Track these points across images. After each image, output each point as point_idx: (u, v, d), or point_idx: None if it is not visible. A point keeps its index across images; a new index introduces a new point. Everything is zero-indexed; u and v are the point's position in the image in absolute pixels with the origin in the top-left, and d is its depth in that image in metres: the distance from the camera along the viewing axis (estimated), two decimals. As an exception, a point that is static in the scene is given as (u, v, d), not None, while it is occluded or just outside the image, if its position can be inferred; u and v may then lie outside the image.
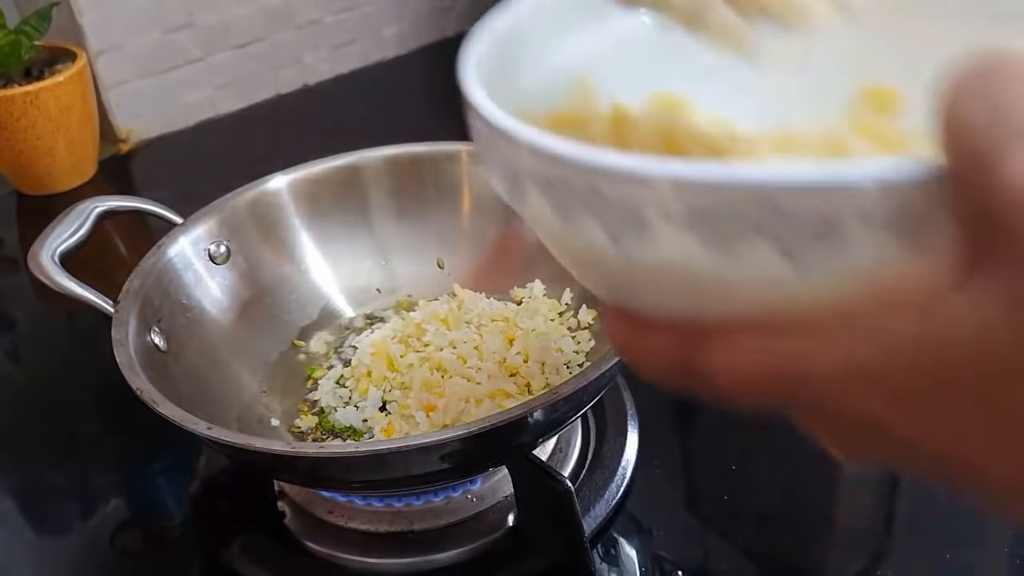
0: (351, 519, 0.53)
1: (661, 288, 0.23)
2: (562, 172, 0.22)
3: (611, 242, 0.21)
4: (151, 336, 0.54)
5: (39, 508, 0.59)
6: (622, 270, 0.22)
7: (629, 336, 0.24)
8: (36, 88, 0.86)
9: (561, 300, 0.62)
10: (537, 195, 0.23)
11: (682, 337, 0.22)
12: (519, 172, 0.24)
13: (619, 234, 0.21)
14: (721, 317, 0.21)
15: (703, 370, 0.22)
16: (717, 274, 0.20)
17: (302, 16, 1.06)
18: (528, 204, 0.24)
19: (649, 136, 0.29)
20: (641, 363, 0.23)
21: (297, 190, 0.65)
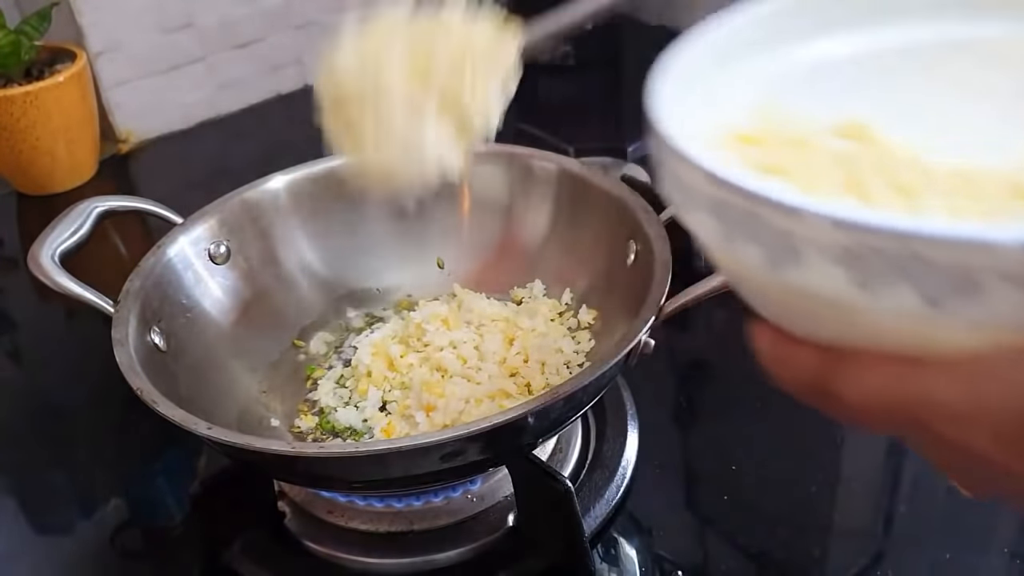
0: (351, 519, 0.53)
1: (808, 311, 0.24)
2: (728, 198, 0.23)
3: (765, 263, 0.23)
4: (151, 336, 0.54)
5: (39, 508, 0.59)
6: (775, 291, 0.24)
7: (775, 350, 0.26)
8: (36, 88, 0.85)
9: (561, 300, 0.62)
10: (705, 213, 0.24)
11: (822, 357, 0.24)
12: (691, 191, 0.25)
13: (775, 259, 0.23)
14: (860, 343, 0.23)
15: (837, 389, 0.24)
16: (860, 307, 0.22)
17: (302, 16, 1.06)
18: (695, 218, 0.25)
19: (829, 162, 0.29)
20: (782, 376, 0.26)
21: (297, 190, 0.65)
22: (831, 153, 0.30)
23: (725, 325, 0.68)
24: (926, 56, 0.33)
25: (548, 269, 0.63)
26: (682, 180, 0.25)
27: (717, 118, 0.31)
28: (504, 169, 0.65)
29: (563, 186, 0.63)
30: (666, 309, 0.49)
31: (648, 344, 0.49)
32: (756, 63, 0.33)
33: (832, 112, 0.31)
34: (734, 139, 0.30)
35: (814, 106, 0.32)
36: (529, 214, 0.65)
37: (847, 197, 0.27)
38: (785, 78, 0.33)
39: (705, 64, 0.32)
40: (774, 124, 0.31)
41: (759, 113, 0.32)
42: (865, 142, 0.30)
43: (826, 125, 0.31)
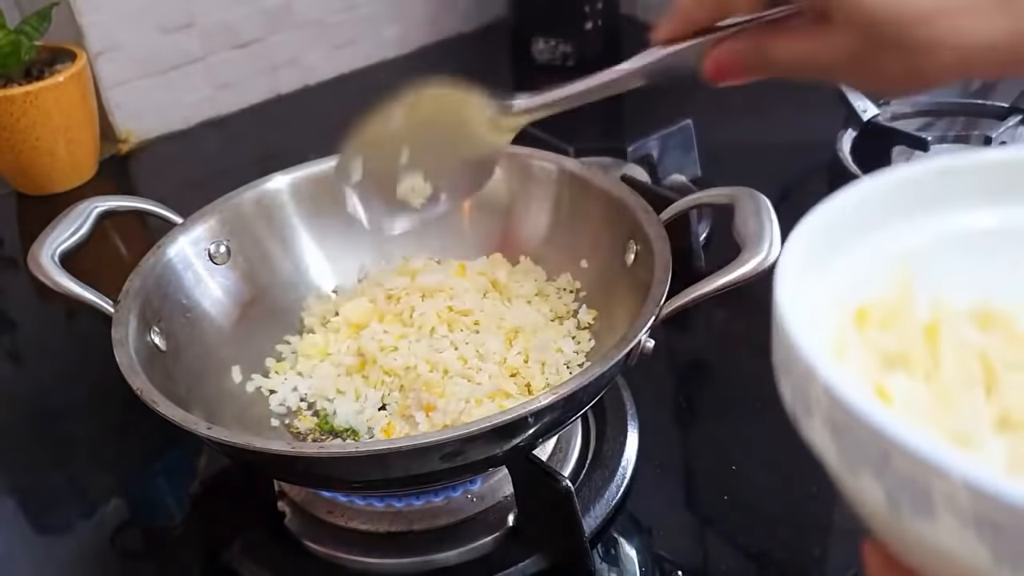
0: (351, 519, 0.53)
1: (926, 555, 0.22)
2: (854, 425, 0.21)
3: (889, 505, 0.21)
4: (151, 336, 0.54)
5: (39, 508, 0.59)
6: (893, 525, 0.22)
7: (883, 572, 0.26)
8: (36, 88, 0.85)
9: (558, 281, 0.62)
10: (824, 431, 0.23)
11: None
12: (812, 402, 0.23)
13: (899, 501, 0.21)
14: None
15: None
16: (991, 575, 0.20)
17: (302, 16, 1.06)
18: (813, 430, 0.24)
19: (963, 354, 0.28)
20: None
21: (297, 190, 0.65)
22: (964, 347, 0.28)
23: (725, 325, 0.68)
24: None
25: (548, 269, 0.63)
26: (804, 386, 0.23)
27: (845, 291, 0.29)
28: (504, 169, 0.65)
29: (563, 186, 0.63)
30: (666, 309, 0.49)
31: (648, 344, 0.49)
32: (889, 233, 0.31)
33: (969, 293, 0.29)
34: (861, 317, 0.28)
35: (950, 283, 0.30)
36: (529, 214, 0.65)
37: (986, 424, 0.25)
38: (921, 250, 0.31)
39: (834, 232, 0.30)
40: (905, 302, 0.29)
41: (892, 287, 0.30)
42: (1002, 331, 0.28)
43: (962, 307, 0.29)
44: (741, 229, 0.50)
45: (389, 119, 0.52)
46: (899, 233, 0.31)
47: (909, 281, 0.30)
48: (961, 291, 0.30)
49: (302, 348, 0.61)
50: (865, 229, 0.30)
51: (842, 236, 0.30)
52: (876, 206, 0.31)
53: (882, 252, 0.31)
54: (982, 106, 0.85)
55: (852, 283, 0.29)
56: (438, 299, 0.60)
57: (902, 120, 0.84)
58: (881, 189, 0.31)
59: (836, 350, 0.27)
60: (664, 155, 0.80)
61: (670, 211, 0.56)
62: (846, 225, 0.30)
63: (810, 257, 0.28)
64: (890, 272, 0.30)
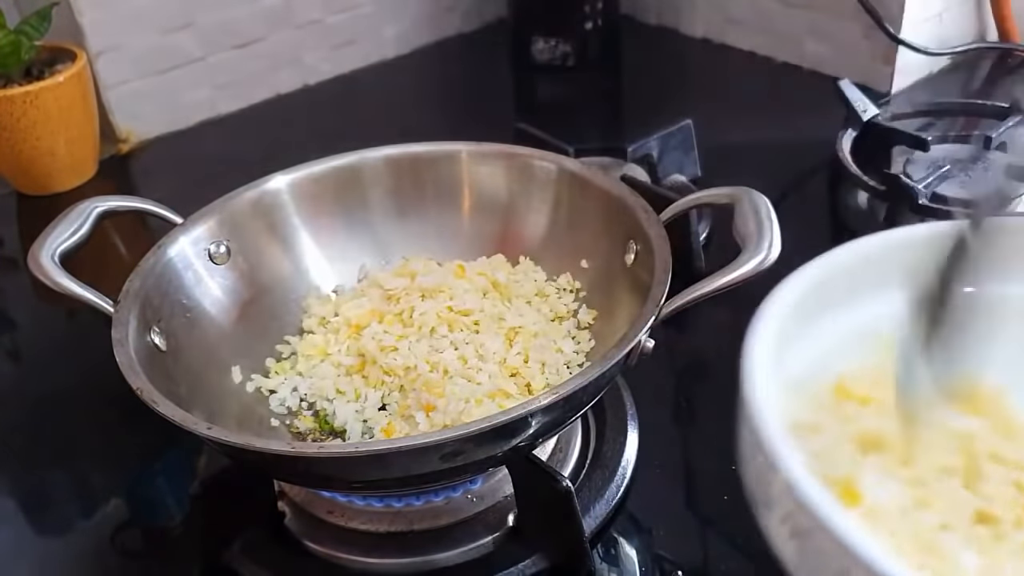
0: (351, 519, 0.53)
1: None
2: (816, 532, 0.21)
3: None
4: (151, 336, 0.54)
5: (39, 508, 0.59)
6: None
7: None
8: (36, 88, 0.85)
9: (558, 281, 0.62)
10: (783, 528, 0.22)
11: None
12: (773, 496, 0.22)
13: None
14: None
15: None
16: None
17: (302, 16, 1.06)
18: (771, 526, 0.23)
19: (943, 439, 0.27)
20: None
21: (297, 190, 0.65)
22: (945, 431, 0.26)
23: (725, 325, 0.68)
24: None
25: (548, 269, 0.63)
26: (762, 474, 0.22)
27: (820, 365, 0.28)
28: (504, 169, 0.65)
29: (563, 186, 0.63)
30: (666, 309, 0.49)
31: (648, 344, 0.49)
32: (862, 306, 0.30)
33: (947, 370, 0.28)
34: (841, 391, 0.27)
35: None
36: (529, 214, 0.65)
37: (965, 519, 0.24)
38: (898, 321, 0.30)
39: (803, 309, 0.29)
40: (883, 380, 0.29)
41: (872, 358, 0.29)
42: (987, 416, 0.27)
43: (940, 388, 0.28)
44: (741, 229, 0.50)
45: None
46: (872, 305, 0.30)
47: (889, 351, 0.29)
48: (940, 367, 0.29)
49: (302, 348, 0.61)
50: (835, 304, 0.30)
51: (812, 312, 0.29)
52: (843, 280, 0.30)
53: (857, 325, 0.30)
54: (982, 106, 0.85)
55: (828, 357, 0.29)
56: (438, 299, 0.60)
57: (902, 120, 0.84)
58: (846, 263, 0.30)
59: (811, 428, 0.27)
60: (664, 155, 0.80)
61: (670, 211, 0.56)
62: (815, 301, 0.29)
63: (780, 335, 0.27)
64: (869, 343, 0.30)
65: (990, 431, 0.27)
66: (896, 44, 0.92)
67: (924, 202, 0.70)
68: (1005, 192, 0.64)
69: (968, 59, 1.00)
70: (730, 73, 1.05)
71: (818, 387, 0.27)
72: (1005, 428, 0.27)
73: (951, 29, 0.97)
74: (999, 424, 0.28)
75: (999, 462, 0.26)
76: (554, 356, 0.57)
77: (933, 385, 0.28)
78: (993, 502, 0.26)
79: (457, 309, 0.60)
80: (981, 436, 0.27)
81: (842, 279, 0.30)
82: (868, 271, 0.30)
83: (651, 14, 1.14)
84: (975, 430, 0.27)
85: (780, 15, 1.01)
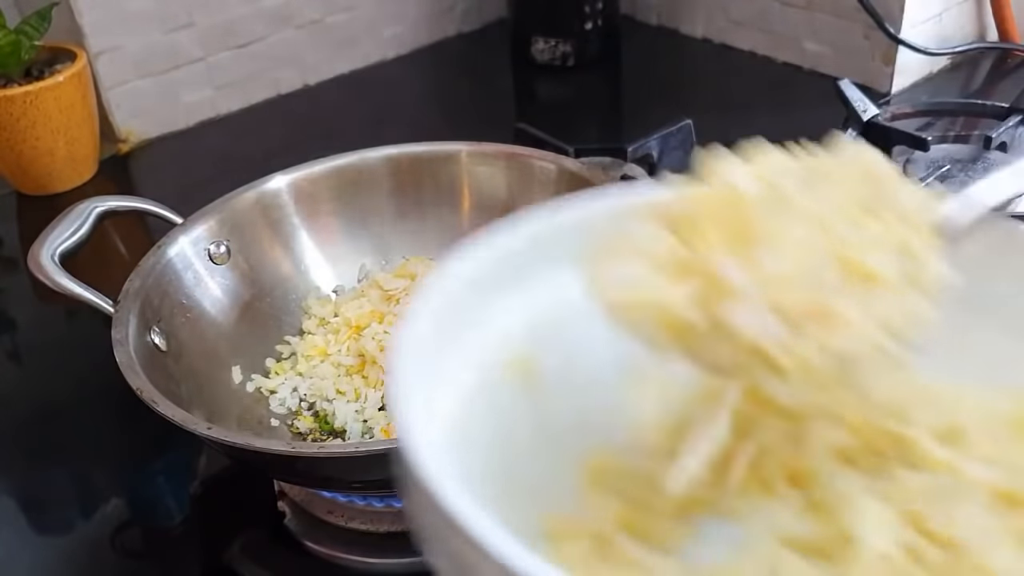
0: (351, 519, 0.53)
1: None
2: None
3: None
4: (151, 336, 0.54)
5: (39, 508, 0.59)
6: None
7: None
8: (36, 88, 0.85)
9: None
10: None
11: None
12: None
13: None
14: None
15: None
16: None
17: (302, 16, 1.06)
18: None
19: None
20: None
21: (297, 190, 0.65)
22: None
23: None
24: None
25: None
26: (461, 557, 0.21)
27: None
28: (504, 169, 0.65)
29: (563, 186, 0.63)
30: (666, 309, 0.49)
31: (648, 344, 0.49)
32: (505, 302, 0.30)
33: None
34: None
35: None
36: (529, 214, 0.65)
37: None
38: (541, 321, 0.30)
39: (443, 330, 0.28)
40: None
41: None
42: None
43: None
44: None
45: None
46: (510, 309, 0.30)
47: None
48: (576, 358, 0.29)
49: (302, 348, 0.61)
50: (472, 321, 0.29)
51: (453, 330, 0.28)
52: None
53: (499, 330, 0.29)
54: (982, 106, 0.85)
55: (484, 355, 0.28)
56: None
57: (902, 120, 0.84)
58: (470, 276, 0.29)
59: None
60: (664, 155, 0.80)
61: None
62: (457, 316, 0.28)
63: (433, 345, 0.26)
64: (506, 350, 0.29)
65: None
66: (896, 44, 0.92)
67: (924, 202, 0.70)
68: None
69: (968, 59, 1.00)
70: (730, 73, 1.05)
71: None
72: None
73: (951, 29, 0.97)
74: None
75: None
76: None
77: None
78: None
79: None
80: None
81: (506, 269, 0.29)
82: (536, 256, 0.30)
83: (651, 14, 1.14)
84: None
85: (780, 15, 1.01)
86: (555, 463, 0.28)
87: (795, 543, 0.26)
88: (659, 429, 0.29)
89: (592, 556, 0.26)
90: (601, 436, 0.29)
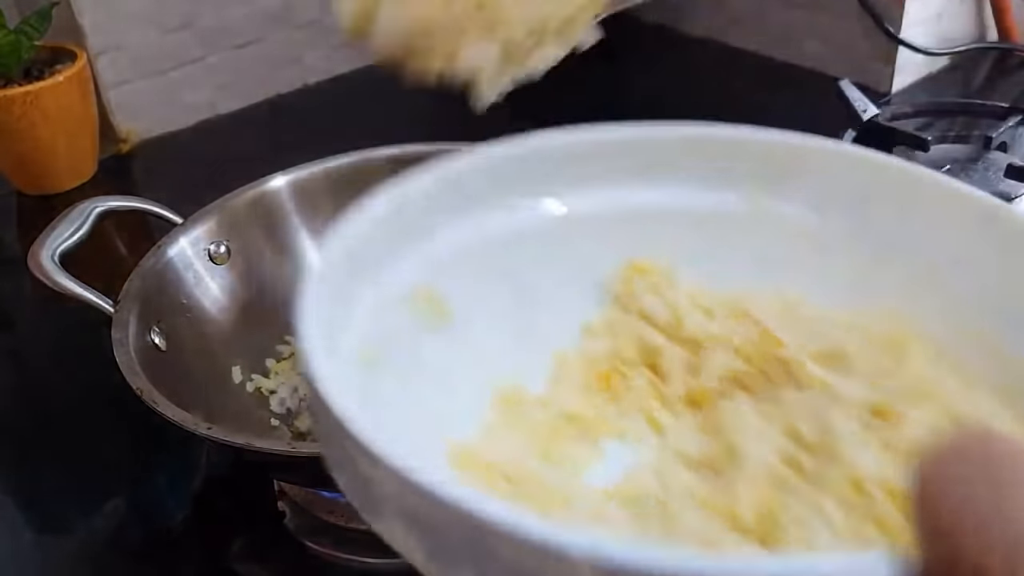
0: (351, 519, 0.53)
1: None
2: (446, 520, 0.18)
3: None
4: (151, 336, 0.54)
5: (39, 508, 0.59)
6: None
7: None
8: (36, 88, 0.85)
9: None
10: (403, 530, 0.20)
11: None
12: (380, 497, 0.21)
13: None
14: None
15: None
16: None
17: (302, 16, 1.06)
18: (390, 532, 0.21)
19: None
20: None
21: (297, 190, 0.65)
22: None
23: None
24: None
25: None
26: (365, 478, 0.21)
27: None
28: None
29: (563, 186, 0.63)
30: (666, 309, 0.49)
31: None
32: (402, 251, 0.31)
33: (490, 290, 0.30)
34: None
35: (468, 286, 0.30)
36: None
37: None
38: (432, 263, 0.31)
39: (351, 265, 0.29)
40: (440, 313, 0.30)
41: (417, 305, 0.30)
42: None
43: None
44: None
45: None
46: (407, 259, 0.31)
47: (436, 299, 0.30)
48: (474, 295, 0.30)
49: (302, 348, 0.61)
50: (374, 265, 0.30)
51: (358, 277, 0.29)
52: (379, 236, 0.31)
53: (396, 283, 0.30)
54: (982, 106, 0.85)
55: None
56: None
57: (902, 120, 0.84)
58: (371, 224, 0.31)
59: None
60: (664, 155, 0.80)
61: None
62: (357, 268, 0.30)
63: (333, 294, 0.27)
64: (407, 297, 0.30)
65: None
66: (896, 44, 0.92)
67: (924, 202, 0.70)
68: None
69: (968, 59, 1.00)
70: (730, 73, 1.05)
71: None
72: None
73: (951, 29, 0.97)
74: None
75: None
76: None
77: None
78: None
79: None
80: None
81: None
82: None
83: (651, 14, 1.14)
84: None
85: (780, 15, 1.01)
86: (463, 393, 0.30)
87: (687, 459, 0.29)
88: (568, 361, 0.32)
89: (496, 477, 0.27)
90: (510, 368, 0.31)
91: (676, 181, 0.35)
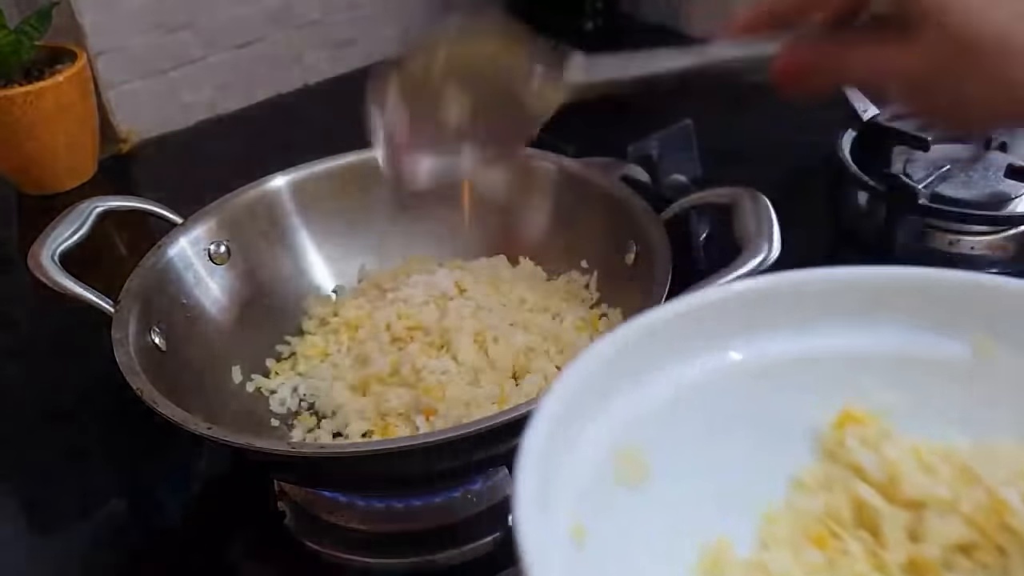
0: (351, 519, 0.53)
1: None
2: None
3: None
4: (151, 336, 0.54)
5: (39, 508, 0.59)
6: None
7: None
8: (36, 88, 0.85)
9: (558, 281, 0.62)
10: None
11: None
12: None
13: None
14: None
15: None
16: None
17: (302, 16, 1.06)
18: None
19: None
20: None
21: (297, 190, 0.65)
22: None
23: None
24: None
25: (548, 269, 0.63)
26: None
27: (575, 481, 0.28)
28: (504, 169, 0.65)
29: (563, 186, 0.63)
30: (666, 309, 0.49)
31: (648, 344, 0.49)
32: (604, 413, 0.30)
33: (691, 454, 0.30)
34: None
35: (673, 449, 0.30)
36: (529, 214, 0.65)
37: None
38: (635, 423, 0.30)
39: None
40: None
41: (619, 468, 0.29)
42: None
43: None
44: (741, 229, 0.50)
45: (427, 54, 0.49)
46: (609, 420, 0.30)
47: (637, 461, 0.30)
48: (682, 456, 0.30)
49: (302, 349, 0.61)
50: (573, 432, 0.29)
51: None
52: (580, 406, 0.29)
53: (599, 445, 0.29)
54: (982, 106, 0.84)
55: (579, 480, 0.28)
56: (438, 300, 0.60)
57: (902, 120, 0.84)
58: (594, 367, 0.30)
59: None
60: (664, 155, 0.80)
61: (670, 211, 0.56)
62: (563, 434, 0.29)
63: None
64: (611, 460, 0.29)
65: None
66: (896, 44, 0.92)
67: (924, 202, 0.70)
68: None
69: (968, 59, 1.00)
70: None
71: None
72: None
73: (951, 29, 0.97)
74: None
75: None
76: (555, 358, 0.57)
77: None
78: None
79: (458, 312, 0.60)
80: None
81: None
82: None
83: (651, 14, 1.14)
84: None
85: (780, 15, 1.01)
86: (669, 557, 0.29)
87: None
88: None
89: None
90: (715, 526, 0.30)
91: (890, 325, 0.32)
